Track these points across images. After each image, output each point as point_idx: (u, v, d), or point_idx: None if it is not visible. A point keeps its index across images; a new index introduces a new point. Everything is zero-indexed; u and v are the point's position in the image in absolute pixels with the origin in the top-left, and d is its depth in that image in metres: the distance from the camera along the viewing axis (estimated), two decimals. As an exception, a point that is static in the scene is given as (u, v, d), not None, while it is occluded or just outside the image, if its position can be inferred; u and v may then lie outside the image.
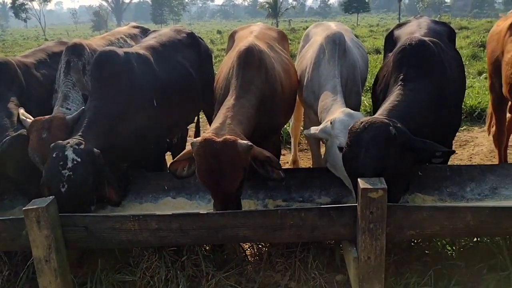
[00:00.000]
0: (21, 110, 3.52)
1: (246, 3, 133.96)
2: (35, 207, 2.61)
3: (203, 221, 2.68)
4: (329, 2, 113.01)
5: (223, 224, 2.67)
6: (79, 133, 3.16)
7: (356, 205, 2.55)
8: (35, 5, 68.94)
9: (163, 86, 3.87)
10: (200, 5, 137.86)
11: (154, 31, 4.87)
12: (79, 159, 2.98)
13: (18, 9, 64.52)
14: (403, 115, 2.90)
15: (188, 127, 5.26)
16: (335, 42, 3.75)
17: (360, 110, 4.52)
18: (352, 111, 3.15)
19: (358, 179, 2.55)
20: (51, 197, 2.72)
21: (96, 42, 4.46)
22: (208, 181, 2.80)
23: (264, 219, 2.66)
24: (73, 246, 2.83)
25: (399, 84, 3.17)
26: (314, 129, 3.31)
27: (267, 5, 50.18)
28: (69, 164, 2.95)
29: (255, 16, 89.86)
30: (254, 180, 3.25)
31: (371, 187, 2.46)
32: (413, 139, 2.76)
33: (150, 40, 4.33)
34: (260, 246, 3.32)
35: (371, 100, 4.39)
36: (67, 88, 3.75)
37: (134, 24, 5.57)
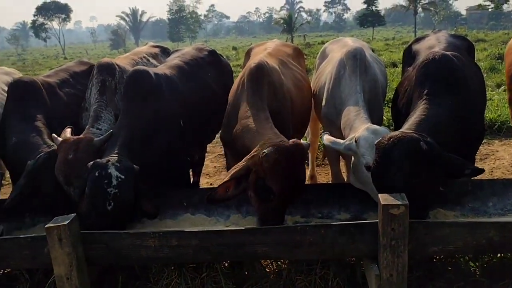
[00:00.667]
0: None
1: (261, 20, 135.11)
2: (57, 224, 2.64)
3: (223, 238, 2.68)
4: (344, 17, 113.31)
5: (243, 241, 2.67)
6: (116, 151, 3.20)
7: (377, 222, 2.52)
8: (55, 24, 70.68)
9: (190, 104, 3.94)
10: (216, 22, 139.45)
11: (176, 50, 4.96)
12: (123, 176, 3.03)
13: (38, 29, 66.32)
14: (431, 129, 2.86)
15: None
16: (356, 57, 3.73)
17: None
18: (376, 127, 3.10)
19: (379, 195, 2.52)
20: (72, 214, 2.75)
21: (122, 61, 4.50)
22: (286, 187, 2.78)
23: (283, 235, 2.65)
24: (94, 263, 2.84)
25: (424, 98, 3.14)
26: (335, 141, 3.23)
27: (282, 21, 50.71)
28: (114, 182, 3.00)
29: (270, 32, 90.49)
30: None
31: (393, 203, 2.43)
32: (444, 154, 2.70)
33: (174, 59, 4.42)
34: (280, 263, 3.29)
35: (390, 114, 4.34)
36: (100, 108, 3.80)
37: (152, 43, 5.65)
